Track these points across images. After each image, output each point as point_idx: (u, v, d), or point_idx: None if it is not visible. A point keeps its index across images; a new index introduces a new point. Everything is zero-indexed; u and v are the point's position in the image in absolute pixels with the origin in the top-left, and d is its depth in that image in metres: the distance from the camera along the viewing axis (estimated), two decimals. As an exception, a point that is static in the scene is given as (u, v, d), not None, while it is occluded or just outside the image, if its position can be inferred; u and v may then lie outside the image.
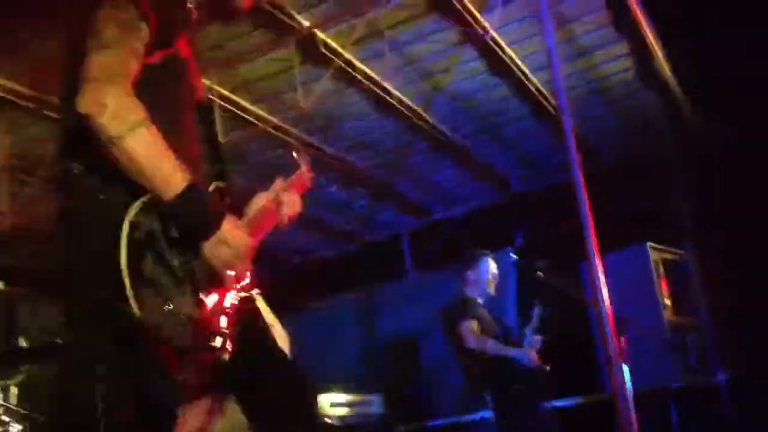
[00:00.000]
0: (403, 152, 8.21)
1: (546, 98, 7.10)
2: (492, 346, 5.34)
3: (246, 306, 2.09)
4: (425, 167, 8.61)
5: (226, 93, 6.54)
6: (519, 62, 6.67)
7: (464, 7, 5.89)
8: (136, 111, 1.83)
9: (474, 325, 5.38)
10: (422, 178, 8.87)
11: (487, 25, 5.96)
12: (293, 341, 4.07)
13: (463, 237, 9.41)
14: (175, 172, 1.86)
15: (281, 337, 3.64)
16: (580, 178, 4.57)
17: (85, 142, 1.87)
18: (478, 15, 5.99)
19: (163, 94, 1.99)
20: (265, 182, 2.50)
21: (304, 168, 2.56)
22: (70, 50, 1.96)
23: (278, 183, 2.42)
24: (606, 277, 4.76)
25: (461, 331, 5.38)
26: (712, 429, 6.44)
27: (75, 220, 1.88)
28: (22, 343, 5.04)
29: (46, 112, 6.11)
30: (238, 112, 6.78)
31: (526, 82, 6.93)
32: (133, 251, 1.77)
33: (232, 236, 1.95)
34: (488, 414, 5.22)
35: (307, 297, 9.78)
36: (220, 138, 6.47)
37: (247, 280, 2.07)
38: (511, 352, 5.33)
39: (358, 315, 9.04)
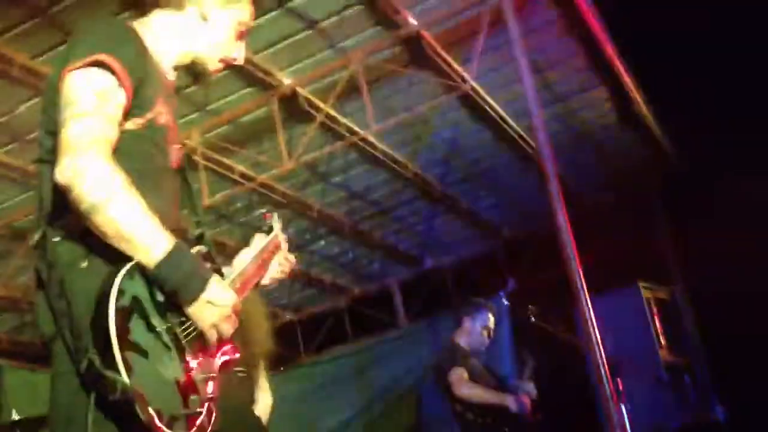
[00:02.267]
0: (391, 203, 8.24)
1: (528, 143, 7.18)
2: (483, 393, 5.29)
3: (231, 369, 2.06)
4: (413, 217, 8.65)
5: (210, 153, 6.58)
6: (499, 109, 6.75)
7: (442, 59, 5.99)
8: (117, 178, 1.82)
9: (464, 372, 5.34)
10: (411, 228, 8.89)
11: (465, 75, 6.04)
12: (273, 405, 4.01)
13: (455, 285, 9.41)
14: (158, 237, 1.85)
15: (263, 405, 3.58)
16: (566, 225, 4.63)
17: (64, 210, 1.86)
18: (456, 66, 6.08)
19: (142, 160, 1.99)
20: (249, 241, 2.50)
21: (277, 229, 2.56)
22: (46, 119, 1.97)
23: (256, 242, 2.41)
24: (599, 319, 4.78)
25: (451, 378, 5.34)
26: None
27: (58, 290, 1.87)
28: (15, 416, 4.95)
29: (27, 180, 6.12)
30: (224, 171, 6.81)
31: (508, 128, 7.01)
32: (120, 318, 1.75)
33: (219, 297, 1.94)
34: None
35: (300, 353, 9.71)
36: (206, 199, 6.49)
37: (230, 345, 2.05)
38: (504, 399, 5.28)
39: (352, 369, 8.94)
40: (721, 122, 6.26)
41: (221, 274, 2.16)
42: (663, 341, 6.24)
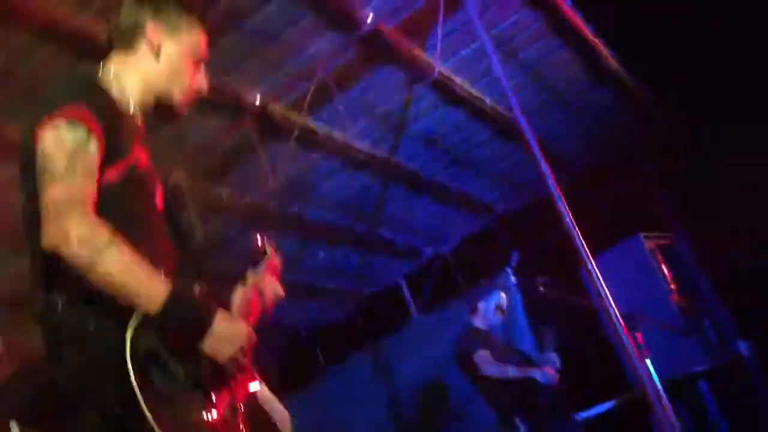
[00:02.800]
0: (381, 201, 8.23)
1: (505, 117, 7.17)
2: (510, 369, 5.31)
3: (254, 398, 2.07)
4: (406, 211, 8.63)
5: (195, 186, 6.55)
6: (470, 89, 6.75)
7: (406, 50, 5.98)
8: (103, 233, 1.81)
9: (487, 353, 5.36)
10: (405, 222, 8.88)
11: (431, 61, 6.03)
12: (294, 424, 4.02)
13: (459, 269, 9.41)
14: (156, 283, 1.85)
15: (280, 416, 3.57)
16: (557, 189, 4.62)
17: (61, 274, 1.85)
18: (420, 54, 6.07)
19: (127, 208, 1.99)
20: (248, 266, 2.50)
21: (270, 252, 2.57)
22: (25, 183, 1.96)
23: (251, 276, 2.41)
24: (607, 276, 4.78)
25: (476, 360, 5.36)
26: (750, 400, 6.40)
27: (69, 355, 1.85)
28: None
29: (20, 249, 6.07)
30: (212, 201, 6.79)
31: (483, 105, 7.00)
32: (139, 371, 1.75)
33: (229, 329, 1.93)
34: None
35: (322, 365, 9.71)
36: (199, 231, 6.46)
37: (251, 370, 2.06)
38: (530, 372, 5.30)
39: (375, 371, 8.95)
40: (697, 64, 6.28)
41: (227, 307, 2.16)
42: (674, 287, 6.24)
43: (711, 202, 6.65)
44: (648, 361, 4.61)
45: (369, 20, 5.61)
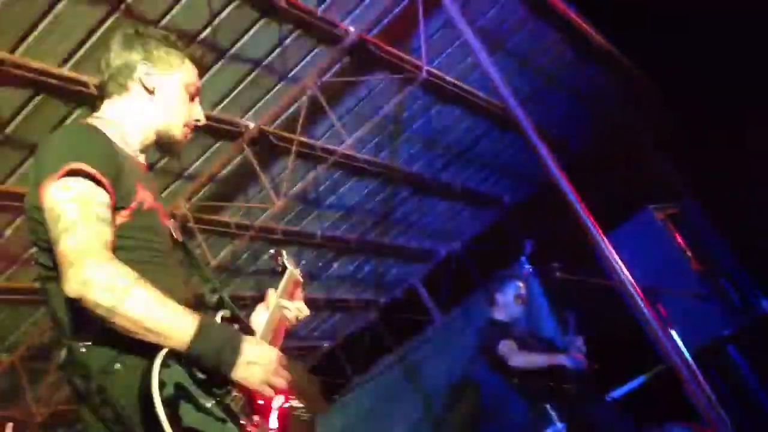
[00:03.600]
0: (388, 206, 8.25)
1: (501, 108, 7.17)
2: (537, 358, 5.29)
3: (292, 416, 2.07)
4: (414, 214, 8.65)
5: (201, 216, 6.58)
6: (461, 84, 6.76)
7: (392, 55, 6.00)
8: (124, 274, 1.82)
9: (512, 343, 5.34)
10: (415, 224, 8.89)
11: (418, 63, 6.05)
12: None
13: (474, 265, 9.40)
14: (181, 318, 1.85)
15: None
16: (560, 174, 4.63)
17: (82, 320, 1.87)
18: (407, 57, 6.09)
19: (141, 248, 1.99)
20: (266, 287, 2.51)
21: (290, 267, 2.56)
22: (35, 238, 1.97)
23: (271, 294, 2.41)
24: (622, 252, 4.77)
25: (501, 352, 5.33)
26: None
27: (99, 399, 1.87)
28: None
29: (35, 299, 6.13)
30: (219, 229, 6.82)
31: (475, 99, 7.02)
32: (169, 409, 1.76)
33: (258, 354, 1.94)
34: (559, 427, 5.14)
35: (349, 377, 9.71)
36: (210, 260, 6.49)
37: (283, 394, 2.05)
38: (557, 358, 5.28)
39: (403, 375, 8.94)
40: (683, 27, 6.27)
41: (251, 331, 2.17)
42: (690, 254, 6.22)
43: (715, 163, 6.63)
44: (674, 332, 4.61)
45: (351, 32, 5.64)
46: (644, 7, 6.02)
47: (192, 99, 2.26)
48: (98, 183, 1.90)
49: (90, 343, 1.90)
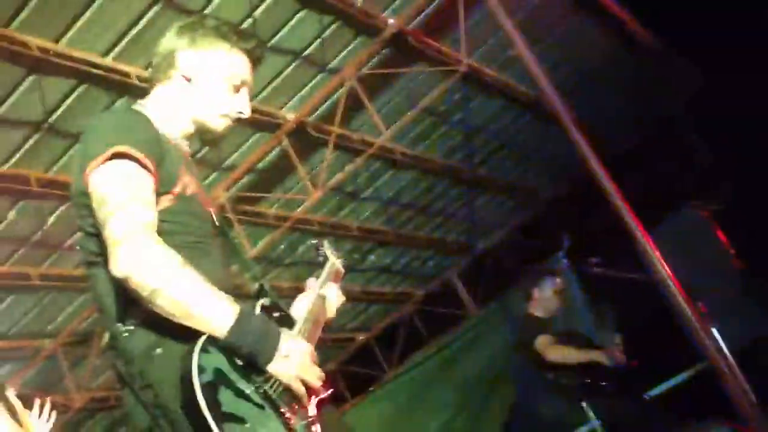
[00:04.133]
0: (425, 199, 8.23)
1: (541, 101, 7.10)
2: (574, 353, 5.24)
3: (327, 409, 2.08)
4: (451, 206, 8.62)
5: (240, 207, 6.63)
6: (501, 77, 6.71)
7: (432, 47, 5.98)
8: (171, 258, 1.84)
9: (549, 338, 5.29)
10: (452, 217, 8.86)
11: (458, 55, 6.02)
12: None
13: (511, 260, 9.35)
14: (223, 306, 1.87)
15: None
16: (601, 168, 4.58)
17: (126, 304, 1.89)
18: (447, 50, 6.06)
19: (184, 233, 2.01)
20: (304, 278, 2.51)
21: (332, 258, 2.56)
22: (82, 223, 2.00)
23: (311, 283, 2.41)
24: (663, 249, 4.71)
25: (538, 347, 5.29)
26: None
27: (141, 382, 1.89)
28: None
29: (76, 285, 6.23)
30: (258, 220, 6.86)
31: (516, 93, 6.97)
32: (209, 394, 1.77)
33: (294, 348, 1.95)
34: (594, 424, 5.09)
35: (384, 370, 9.72)
36: (249, 250, 6.54)
37: (319, 385, 2.06)
38: (596, 355, 5.23)
39: (438, 368, 8.92)
40: (729, 19, 6.15)
41: (291, 320, 2.18)
42: (732, 252, 6.11)
43: (762, 160, 6.50)
44: (714, 330, 4.54)
45: (391, 23, 5.63)
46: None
47: (237, 90, 2.24)
48: (143, 166, 1.92)
49: (132, 328, 1.93)
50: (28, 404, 3.72)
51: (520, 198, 9.02)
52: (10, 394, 3.75)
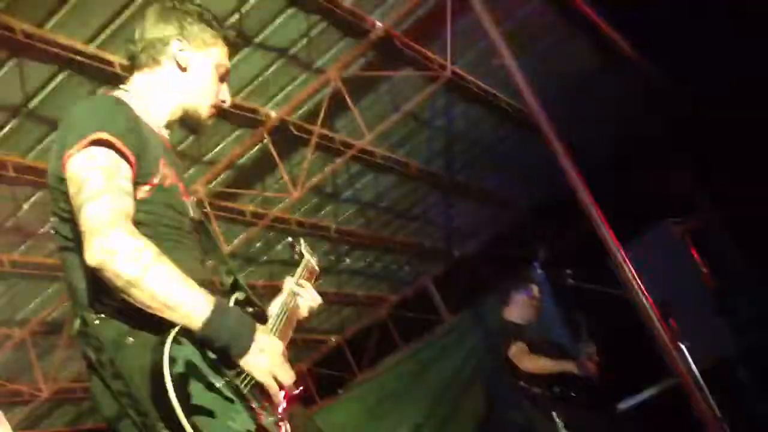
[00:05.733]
0: (404, 203, 8.24)
1: (523, 111, 7.14)
2: (547, 363, 5.26)
3: (296, 408, 2.07)
4: (430, 212, 8.63)
5: (218, 202, 6.60)
6: (485, 85, 6.74)
7: (417, 52, 5.99)
8: (146, 248, 1.82)
9: (523, 346, 5.30)
10: (430, 223, 8.87)
11: (443, 61, 6.03)
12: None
13: (487, 268, 9.38)
14: (198, 298, 1.85)
15: None
16: (579, 181, 4.61)
17: (99, 291, 1.87)
18: (432, 55, 6.08)
19: (161, 224, 1.99)
20: (278, 277, 2.51)
21: (307, 256, 2.55)
22: (56, 208, 1.98)
23: (288, 282, 2.41)
24: (637, 264, 4.74)
25: (512, 354, 5.30)
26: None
27: (111, 371, 1.87)
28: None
29: (49, 274, 6.17)
30: (235, 216, 6.83)
31: (498, 101, 7.00)
32: (179, 385, 1.76)
33: (267, 344, 1.94)
34: None
35: (355, 373, 9.71)
36: (225, 246, 6.51)
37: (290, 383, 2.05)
38: (567, 365, 5.25)
39: (409, 373, 8.92)
40: (712, 41, 6.21)
41: (265, 316, 2.17)
42: (705, 270, 6.17)
43: (739, 179, 6.57)
44: (684, 347, 4.58)
45: (378, 26, 5.63)
46: (674, 16, 5.97)
47: (221, 80, 2.24)
48: (122, 155, 1.90)
49: (104, 316, 1.91)
50: None
51: (498, 207, 9.05)
52: None
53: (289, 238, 2.62)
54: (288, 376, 1.98)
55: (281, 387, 1.98)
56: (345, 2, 5.40)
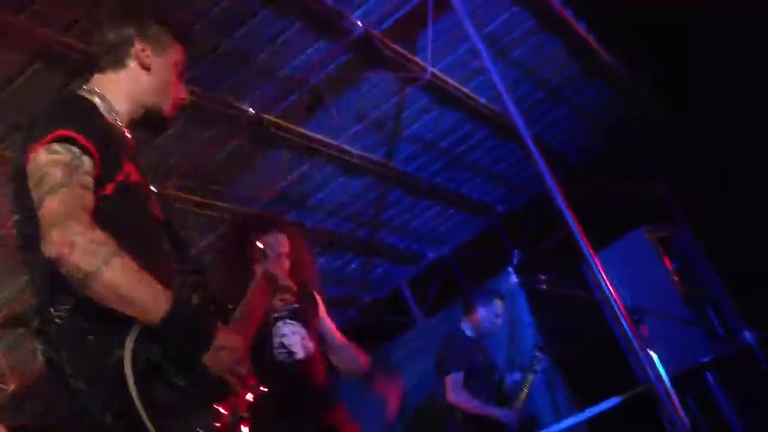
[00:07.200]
0: (380, 205, 8.22)
1: (501, 116, 7.16)
2: (473, 404, 5.29)
3: (256, 407, 2.07)
4: (405, 215, 8.62)
5: (192, 198, 6.54)
6: (464, 89, 6.74)
7: (397, 53, 5.97)
8: (106, 242, 1.81)
9: (460, 377, 5.34)
10: (405, 225, 8.86)
11: (423, 63, 6.02)
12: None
13: (461, 271, 9.39)
14: (158, 294, 1.85)
15: None
16: (555, 187, 4.62)
17: (58, 290, 1.85)
18: (412, 57, 6.07)
19: (123, 221, 1.98)
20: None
21: (269, 257, 2.61)
22: (18, 204, 1.97)
23: (259, 270, 2.44)
24: (609, 271, 4.76)
25: (447, 382, 5.36)
26: (756, 391, 6.37)
27: (71, 370, 1.85)
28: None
29: (16, 268, 6.08)
30: (209, 212, 6.77)
31: (477, 105, 7.00)
32: (141, 383, 1.75)
33: (228, 340, 1.94)
34: None
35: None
36: (198, 243, 6.46)
37: (253, 381, 2.05)
38: (493, 411, 5.29)
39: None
40: (692, 52, 6.27)
41: (226, 314, 2.16)
42: (677, 278, 6.22)
43: (713, 190, 6.64)
44: (653, 354, 4.60)
45: (358, 25, 5.61)
46: (654, 25, 6.01)
47: (180, 79, 2.28)
48: (85, 150, 1.90)
49: (63, 313, 1.88)
50: None
51: (473, 210, 9.07)
52: None
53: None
54: (247, 374, 1.98)
55: (242, 383, 1.98)
56: (326, 0, 5.37)
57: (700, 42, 6.26)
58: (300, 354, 3.25)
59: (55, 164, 1.85)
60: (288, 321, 2.96)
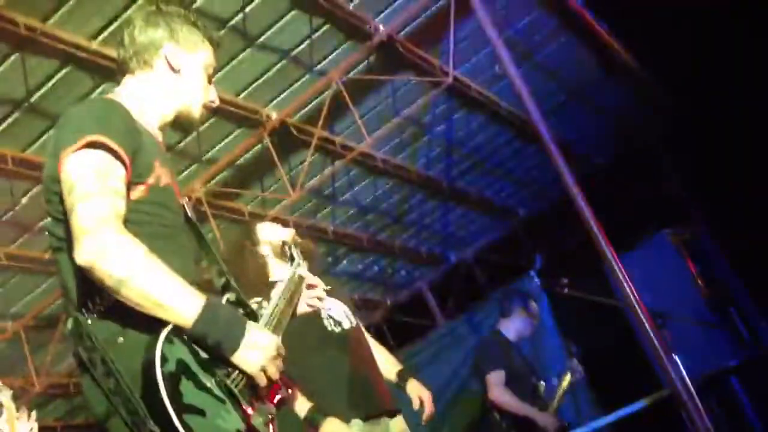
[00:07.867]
0: (402, 208, 8.24)
1: (523, 119, 7.15)
2: (514, 404, 5.26)
3: (285, 406, 2.08)
4: (428, 217, 8.63)
5: (216, 201, 6.60)
6: (486, 92, 6.75)
7: (420, 57, 6.00)
8: (137, 248, 1.84)
9: (501, 375, 5.32)
10: (428, 228, 8.87)
11: (445, 67, 6.04)
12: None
13: (483, 275, 9.38)
14: (189, 296, 1.87)
15: None
16: (577, 190, 4.61)
17: (90, 291, 1.88)
18: (434, 61, 6.09)
19: (154, 224, 2.00)
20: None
21: (298, 259, 2.63)
22: (50, 208, 1.99)
23: (278, 287, 2.45)
24: (632, 274, 4.75)
25: (488, 379, 5.34)
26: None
27: (102, 370, 1.88)
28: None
29: (44, 268, 6.17)
30: (233, 216, 6.83)
31: (499, 109, 7.01)
32: (170, 384, 1.77)
33: (259, 340, 1.95)
34: None
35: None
36: (222, 246, 6.50)
37: (281, 382, 2.06)
38: (531, 412, 5.27)
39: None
40: (712, 55, 6.24)
41: (255, 317, 2.18)
42: (701, 282, 6.18)
43: (734, 193, 6.59)
44: (677, 359, 4.58)
45: (381, 30, 5.64)
46: (676, 28, 5.99)
47: (210, 81, 2.28)
48: (116, 156, 1.91)
49: (96, 315, 1.91)
50: None
51: (495, 214, 9.06)
52: (5, 397, 3.75)
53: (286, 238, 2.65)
54: (277, 372, 1.99)
55: (271, 382, 1.99)
56: (348, 6, 5.41)
57: (721, 44, 6.22)
58: (346, 324, 3.45)
59: (86, 171, 1.87)
60: (329, 297, 3.11)
